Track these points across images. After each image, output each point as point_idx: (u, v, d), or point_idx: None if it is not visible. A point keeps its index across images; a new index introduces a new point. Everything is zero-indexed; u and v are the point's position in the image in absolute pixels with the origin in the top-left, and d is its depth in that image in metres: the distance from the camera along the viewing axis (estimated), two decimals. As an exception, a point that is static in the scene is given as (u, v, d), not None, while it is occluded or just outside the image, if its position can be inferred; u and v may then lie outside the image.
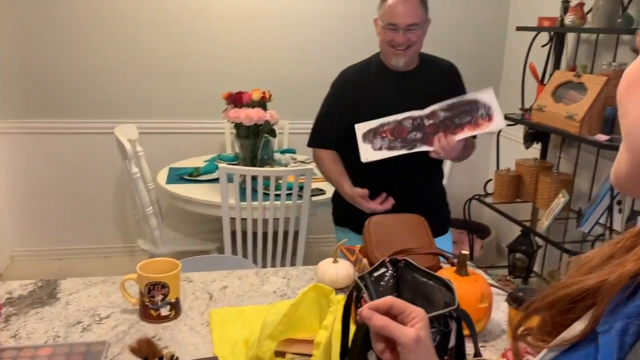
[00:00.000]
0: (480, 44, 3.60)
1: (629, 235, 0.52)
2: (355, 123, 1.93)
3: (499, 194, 2.97)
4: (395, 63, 1.92)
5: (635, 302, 0.47)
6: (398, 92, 1.96)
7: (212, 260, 2.06)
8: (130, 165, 2.55)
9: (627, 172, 0.46)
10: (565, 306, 0.53)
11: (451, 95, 1.95)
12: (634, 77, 0.44)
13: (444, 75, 2.03)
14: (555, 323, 0.54)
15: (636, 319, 0.46)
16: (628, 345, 0.45)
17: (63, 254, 3.45)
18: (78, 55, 3.17)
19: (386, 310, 0.72)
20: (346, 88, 1.99)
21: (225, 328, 1.21)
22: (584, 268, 0.53)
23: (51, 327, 1.19)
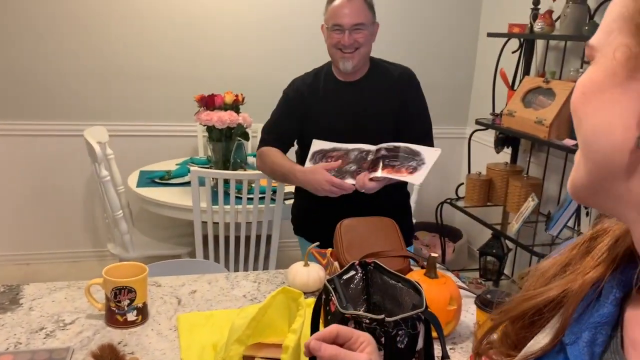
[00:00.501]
0: (452, 49, 3.64)
1: (583, 241, 0.52)
2: (301, 134, 1.95)
3: (470, 197, 3.00)
4: (343, 67, 1.85)
5: (601, 311, 0.47)
6: (345, 103, 1.91)
7: (183, 264, 2.04)
8: (100, 168, 2.50)
9: (584, 183, 0.46)
10: (529, 319, 0.53)
11: (402, 103, 1.90)
12: (587, 87, 0.44)
13: (395, 83, 1.93)
14: (519, 335, 0.54)
15: (603, 328, 0.46)
16: (597, 356, 0.45)
17: (30, 259, 3.37)
18: (47, 56, 3.11)
19: (332, 339, 0.71)
20: (295, 97, 1.95)
21: (194, 333, 1.20)
22: (543, 278, 0.53)
23: (12, 334, 1.16)
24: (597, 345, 0.45)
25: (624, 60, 0.40)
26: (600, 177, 0.44)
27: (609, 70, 0.41)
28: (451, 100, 3.73)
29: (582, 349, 0.46)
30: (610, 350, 0.45)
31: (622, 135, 0.40)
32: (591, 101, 0.43)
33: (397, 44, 3.51)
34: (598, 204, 0.46)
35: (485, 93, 3.35)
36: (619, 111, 0.41)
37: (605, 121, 0.42)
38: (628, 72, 0.40)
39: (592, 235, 0.51)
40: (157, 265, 1.97)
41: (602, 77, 0.42)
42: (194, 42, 3.27)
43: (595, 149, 0.43)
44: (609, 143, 0.42)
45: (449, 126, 3.75)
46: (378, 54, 2.01)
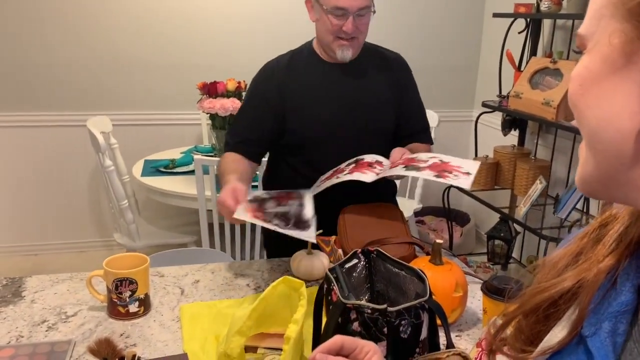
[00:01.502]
0: (457, 31, 3.59)
1: (592, 229, 0.50)
2: (279, 133, 1.65)
3: (478, 181, 2.97)
4: (341, 57, 1.60)
5: (620, 300, 0.45)
6: (335, 89, 1.66)
7: (188, 253, 2.03)
8: (104, 158, 2.49)
9: (594, 176, 0.44)
10: (543, 312, 0.51)
11: (402, 90, 1.71)
12: (585, 78, 0.42)
13: (392, 67, 1.73)
14: (533, 330, 0.52)
15: (623, 317, 0.45)
16: (620, 345, 0.44)
17: (38, 250, 3.39)
18: (49, 47, 3.09)
19: (337, 350, 0.71)
20: (269, 87, 1.65)
21: (196, 323, 1.19)
22: (554, 270, 0.51)
23: (14, 327, 1.15)
24: (619, 334, 0.44)
25: (620, 45, 0.39)
26: (611, 168, 0.42)
27: (606, 57, 0.40)
28: (457, 82, 3.68)
29: (604, 340, 0.44)
30: (632, 339, 0.44)
31: (629, 123, 0.39)
32: (591, 92, 0.42)
33: (402, 26, 3.46)
34: (610, 195, 0.45)
35: (491, 75, 3.30)
36: (622, 98, 0.39)
37: (609, 110, 0.41)
38: (626, 58, 0.39)
39: (602, 223, 0.50)
40: (162, 254, 1.97)
41: (599, 65, 0.41)
42: (196, 29, 3.23)
43: (603, 139, 0.42)
44: (616, 132, 0.40)
45: (456, 109, 3.71)
46: (382, 37, 1.96)
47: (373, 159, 1.57)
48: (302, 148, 1.67)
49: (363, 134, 1.66)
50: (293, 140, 1.67)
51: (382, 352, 0.85)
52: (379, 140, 1.67)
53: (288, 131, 1.65)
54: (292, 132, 1.65)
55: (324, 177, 1.60)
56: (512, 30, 2.91)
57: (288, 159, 1.72)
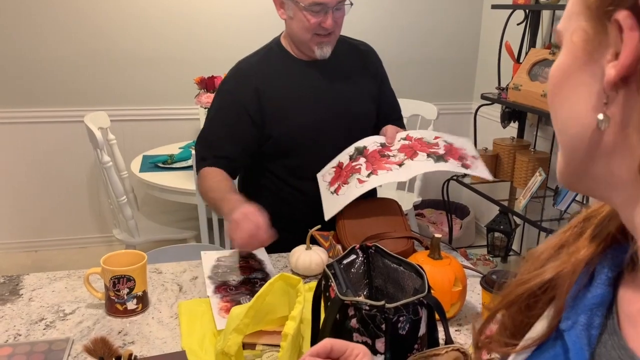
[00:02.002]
0: (456, 23, 3.57)
1: (577, 222, 0.51)
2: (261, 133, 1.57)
3: (477, 174, 2.96)
4: (321, 54, 1.53)
5: (595, 292, 0.46)
6: (315, 88, 1.59)
7: (187, 249, 2.03)
8: (102, 154, 2.48)
9: (566, 171, 0.46)
10: (524, 303, 0.52)
11: (378, 82, 1.69)
12: (556, 77, 0.43)
13: (366, 59, 1.68)
14: (516, 323, 0.53)
15: (598, 310, 0.45)
16: (595, 338, 0.44)
17: (38, 246, 3.38)
18: (46, 43, 3.07)
19: (327, 353, 0.71)
20: (246, 92, 1.54)
21: (195, 320, 1.18)
22: (537, 262, 0.51)
23: (12, 326, 1.15)
24: (594, 327, 0.44)
25: (581, 43, 0.40)
26: (577, 163, 0.43)
27: (571, 54, 0.41)
28: (456, 75, 3.67)
29: (579, 333, 0.44)
30: (607, 332, 0.44)
31: (589, 118, 0.40)
32: (561, 89, 0.43)
33: (399, 18, 3.44)
34: (587, 189, 0.46)
35: (490, 67, 3.29)
36: (585, 95, 0.41)
37: (573, 107, 0.42)
38: (587, 55, 0.40)
39: (586, 216, 0.50)
40: (161, 250, 1.97)
41: (567, 62, 0.42)
42: (193, 24, 3.22)
43: (569, 135, 0.43)
44: (579, 128, 0.42)
45: (454, 101, 3.70)
46: (379, 30, 1.94)
47: (376, 145, 1.54)
48: (285, 155, 1.60)
49: (349, 132, 1.60)
50: (274, 148, 1.58)
51: (381, 348, 0.85)
52: (364, 135, 1.60)
53: (268, 138, 1.57)
54: (274, 139, 1.57)
55: (328, 175, 1.55)
56: (511, 21, 2.90)
57: (269, 166, 1.64)
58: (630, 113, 0.37)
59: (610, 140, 0.39)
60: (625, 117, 0.38)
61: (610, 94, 0.38)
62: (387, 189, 3.17)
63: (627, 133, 0.38)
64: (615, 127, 0.39)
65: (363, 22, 3.30)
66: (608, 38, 0.38)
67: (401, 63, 3.42)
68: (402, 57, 3.46)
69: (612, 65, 0.37)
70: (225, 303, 1.25)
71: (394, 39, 3.44)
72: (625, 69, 0.36)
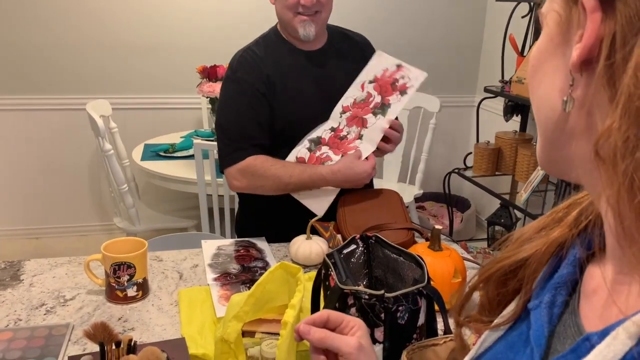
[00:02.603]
0: (460, 16, 3.55)
1: (562, 207, 0.51)
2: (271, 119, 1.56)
3: (479, 167, 2.96)
4: (304, 34, 1.51)
5: (562, 272, 0.46)
6: (315, 78, 1.59)
7: (188, 238, 2.03)
8: (103, 142, 2.48)
9: (543, 155, 0.46)
10: (499, 280, 0.53)
11: None
12: (535, 59, 0.43)
13: (361, 51, 1.67)
14: (492, 301, 0.54)
15: (562, 289, 0.46)
16: (557, 317, 0.45)
17: (39, 233, 3.39)
18: (49, 30, 3.06)
19: (323, 323, 0.71)
20: (259, 79, 1.53)
21: (195, 308, 1.19)
22: (519, 242, 0.52)
23: (13, 311, 1.15)
24: (557, 306, 0.45)
25: (554, 26, 0.41)
26: (551, 145, 0.44)
27: (548, 37, 0.42)
28: (459, 67, 3.66)
29: (542, 311, 0.45)
30: (568, 311, 0.45)
31: (557, 100, 0.41)
32: (537, 72, 0.43)
33: (402, 11, 3.42)
34: (562, 173, 0.46)
35: (494, 60, 3.27)
36: (556, 77, 0.41)
37: (546, 89, 0.42)
38: (560, 37, 0.40)
39: (572, 203, 0.51)
40: (161, 239, 1.97)
41: (544, 45, 0.42)
42: (196, 12, 3.20)
43: (541, 119, 0.44)
44: (550, 111, 0.42)
45: (457, 94, 3.69)
46: (381, 21, 1.93)
47: (328, 132, 1.57)
48: (286, 144, 1.59)
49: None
50: (277, 136, 1.58)
51: (380, 337, 0.85)
52: None
53: (273, 124, 1.57)
54: (277, 128, 1.57)
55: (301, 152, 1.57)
56: (515, 14, 2.88)
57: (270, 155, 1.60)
58: (592, 96, 0.38)
59: (576, 123, 0.40)
60: (588, 99, 0.38)
61: (576, 76, 0.38)
62: (388, 180, 3.17)
63: (590, 115, 0.38)
64: (579, 110, 0.39)
65: (365, 13, 3.29)
66: (576, 21, 0.38)
67: (404, 55, 3.39)
68: (404, 49, 3.44)
69: (577, 46, 0.37)
70: (225, 291, 1.25)
71: (396, 31, 3.42)
72: (586, 51, 0.36)
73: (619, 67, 0.34)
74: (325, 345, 0.69)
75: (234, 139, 1.55)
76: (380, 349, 0.85)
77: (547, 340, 0.44)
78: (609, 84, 0.35)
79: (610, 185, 0.35)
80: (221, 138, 1.57)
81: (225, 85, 1.59)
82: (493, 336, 0.51)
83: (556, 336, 0.44)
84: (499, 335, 0.51)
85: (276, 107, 1.55)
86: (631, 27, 0.34)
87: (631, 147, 0.33)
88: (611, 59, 0.35)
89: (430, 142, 3.05)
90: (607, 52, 0.35)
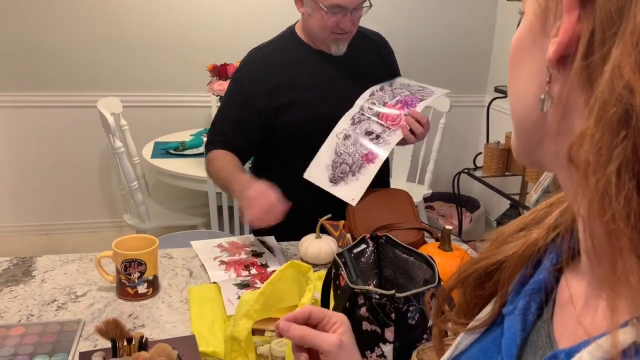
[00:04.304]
0: (471, 16, 3.53)
1: (544, 206, 0.49)
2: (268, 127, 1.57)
3: (489, 167, 2.95)
4: (336, 51, 1.55)
5: (537, 278, 0.44)
6: (331, 78, 1.60)
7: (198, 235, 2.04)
8: (114, 139, 2.50)
9: (518, 148, 0.43)
10: (475, 282, 0.51)
11: (390, 72, 1.71)
12: (514, 48, 0.40)
13: (377, 49, 1.69)
14: (468, 303, 0.52)
15: (537, 295, 0.44)
16: (530, 324, 0.43)
17: (49, 229, 3.42)
18: (60, 28, 3.08)
19: (304, 319, 0.69)
20: (258, 89, 1.54)
21: (205, 306, 1.19)
22: (497, 242, 0.50)
23: (25, 306, 1.16)
24: (531, 313, 0.43)
25: (533, 15, 0.37)
26: (526, 140, 0.41)
27: (526, 26, 0.38)
28: (470, 67, 3.64)
29: (515, 317, 0.44)
30: (542, 319, 0.43)
31: (534, 97, 0.37)
32: (515, 64, 0.40)
33: (414, 10, 3.41)
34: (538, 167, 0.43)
35: (505, 60, 3.24)
36: (533, 71, 0.38)
37: (522, 83, 0.39)
38: (538, 28, 0.37)
39: (554, 202, 0.48)
40: (171, 236, 1.98)
41: (524, 34, 0.39)
42: (207, 11, 3.21)
43: (517, 113, 0.40)
44: (524, 105, 0.39)
45: (467, 94, 3.67)
46: (392, 20, 1.94)
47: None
48: (296, 143, 1.61)
49: None
50: (286, 136, 1.59)
51: (390, 337, 0.85)
52: None
53: (281, 126, 1.58)
54: (286, 128, 1.58)
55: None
56: (527, 14, 2.87)
57: (279, 154, 1.65)
58: (567, 95, 0.35)
59: (553, 122, 0.37)
60: (564, 98, 0.35)
61: (553, 72, 0.35)
62: (397, 180, 3.16)
63: (565, 116, 0.35)
64: (555, 108, 0.36)
65: (376, 13, 3.27)
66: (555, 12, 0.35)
67: (414, 54, 3.40)
68: (415, 49, 3.44)
69: (553, 41, 0.34)
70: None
71: (407, 30, 3.41)
72: (562, 47, 0.33)
73: (597, 68, 0.31)
74: (306, 343, 0.67)
75: (213, 133, 1.63)
76: (391, 349, 0.85)
77: (519, 348, 0.42)
78: (585, 85, 0.33)
79: (582, 195, 0.32)
80: (211, 129, 1.66)
81: (229, 82, 1.67)
82: (468, 339, 0.50)
83: (529, 344, 0.42)
84: (475, 338, 0.49)
85: (284, 108, 1.56)
86: (611, 24, 0.30)
87: (603, 159, 0.30)
88: (589, 58, 0.32)
89: (439, 141, 3.04)
90: (584, 50, 0.32)
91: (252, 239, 1.54)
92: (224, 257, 1.42)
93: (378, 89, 1.60)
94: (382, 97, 1.58)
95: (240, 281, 1.30)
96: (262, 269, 1.37)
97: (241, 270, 1.36)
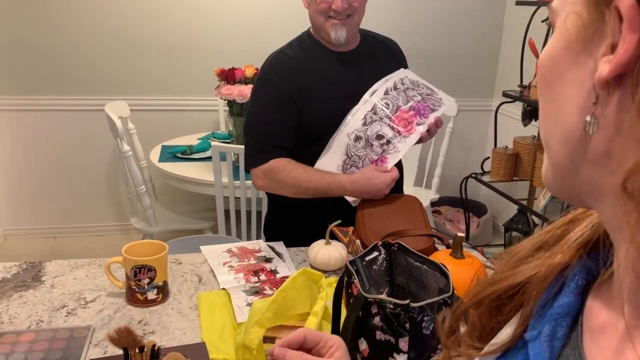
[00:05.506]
0: (479, 20, 3.52)
1: (561, 224, 0.46)
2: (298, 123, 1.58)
3: (496, 172, 2.93)
4: (335, 37, 1.52)
5: (562, 301, 0.42)
6: (346, 80, 1.60)
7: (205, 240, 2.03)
8: (122, 143, 2.50)
9: (552, 176, 0.40)
10: (492, 305, 0.48)
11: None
12: (547, 69, 0.37)
13: (391, 55, 1.70)
14: (484, 325, 0.49)
15: (563, 320, 0.41)
16: (557, 351, 0.41)
17: (56, 233, 3.42)
18: (68, 31, 3.09)
19: (299, 344, 0.68)
20: (289, 83, 1.55)
21: (214, 312, 1.18)
22: (512, 261, 0.48)
23: (34, 312, 1.16)
24: (557, 339, 0.41)
25: (574, 30, 0.34)
26: (565, 170, 0.38)
27: (563, 42, 0.35)
28: (477, 71, 3.63)
29: (542, 344, 0.41)
30: (570, 345, 0.40)
31: (577, 119, 0.35)
32: (550, 84, 0.37)
33: (422, 14, 3.41)
34: (571, 197, 0.40)
35: (513, 64, 3.25)
36: (575, 91, 0.35)
37: (562, 104, 0.36)
38: (580, 45, 0.34)
39: (572, 219, 0.46)
40: (179, 241, 1.97)
41: (558, 51, 0.36)
42: (215, 15, 3.21)
43: (555, 138, 0.38)
44: (565, 128, 0.36)
45: (475, 98, 3.66)
46: (400, 24, 1.93)
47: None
48: (310, 144, 1.61)
49: None
50: (302, 137, 1.60)
51: (404, 347, 0.84)
52: None
53: (301, 126, 1.59)
54: (304, 128, 1.59)
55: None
56: (535, 19, 2.85)
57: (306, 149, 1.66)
58: (621, 118, 0.32)
59: (598, 147, 0.34)
60: (617, 122, 0.32)
61: (601, 94, 0.33)
62: (404, 184, 3.13)
63: (616, 141, 0.32)
64: (604, 133, 0.33)
65: (384, 17, 3.28)
66: (605, 27, 0.32)
67: (422, 58, 3.39)
68: (423, 53, 3.43)
69: (606, 59, 0.31)
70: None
71: (415, 34, 3.41)
72: (621, 66, 0.31)
73: None
74: None
75: (260, 140, 1.59)
76: (405, 359, 0.84)
77: None
78: None
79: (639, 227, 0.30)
80: (248, 138, 1.62)
81: (256, 86, 1.62)
82: None
83: None
84: None
85: (306, 109, 1.57)
86: None
87: None
88: None
89: (447, 146, 3.03)
90: None
91: (262, 244, 1.53)
92: (233, 263, 1.41)
93: (392, 87, 1.59)
94: (396, 98, 1.57)
95: (249, 287, 1.29)
96: (271, 274, 1.36)
97: (250, 276, 1.35)
